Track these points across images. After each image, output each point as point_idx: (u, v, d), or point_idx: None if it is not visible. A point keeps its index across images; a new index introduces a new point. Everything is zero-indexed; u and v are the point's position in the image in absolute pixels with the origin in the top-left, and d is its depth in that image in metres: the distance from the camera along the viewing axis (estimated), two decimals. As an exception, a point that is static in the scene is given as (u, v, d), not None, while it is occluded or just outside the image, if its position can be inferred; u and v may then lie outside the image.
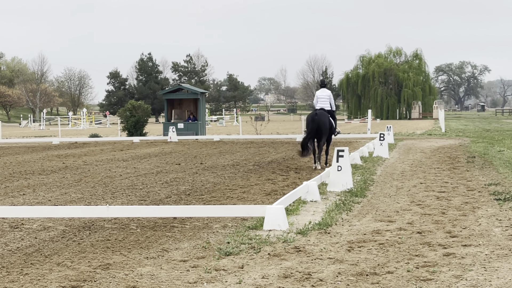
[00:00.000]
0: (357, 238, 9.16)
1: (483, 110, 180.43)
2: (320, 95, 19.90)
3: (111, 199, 13.38)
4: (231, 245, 8.70)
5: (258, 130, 43.68)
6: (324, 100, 19.80)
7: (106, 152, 28.48)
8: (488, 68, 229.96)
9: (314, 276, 7.19)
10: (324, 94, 19.90)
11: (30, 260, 8.15)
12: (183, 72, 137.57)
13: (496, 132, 42.05)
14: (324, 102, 19.77)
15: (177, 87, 44.12)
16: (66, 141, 39.67)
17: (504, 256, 7.95)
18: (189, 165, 21.16)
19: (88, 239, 9.45)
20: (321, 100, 19.78)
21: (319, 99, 19.81)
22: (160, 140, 38.67)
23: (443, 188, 14.40)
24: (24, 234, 9.88)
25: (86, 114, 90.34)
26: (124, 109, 43.85)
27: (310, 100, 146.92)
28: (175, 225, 10.42)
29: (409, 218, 10.71)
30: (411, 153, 24.80)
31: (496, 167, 18.37)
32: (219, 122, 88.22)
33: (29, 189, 15.32)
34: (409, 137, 37.82)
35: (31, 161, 24.10)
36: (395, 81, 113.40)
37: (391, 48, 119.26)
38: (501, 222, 10.14)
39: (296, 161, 21.89)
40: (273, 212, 9.87)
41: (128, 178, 17.43)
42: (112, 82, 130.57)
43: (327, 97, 19.88)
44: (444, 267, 7.47)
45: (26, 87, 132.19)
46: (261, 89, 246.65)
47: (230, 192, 14.23)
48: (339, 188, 14.06)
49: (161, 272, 7.49)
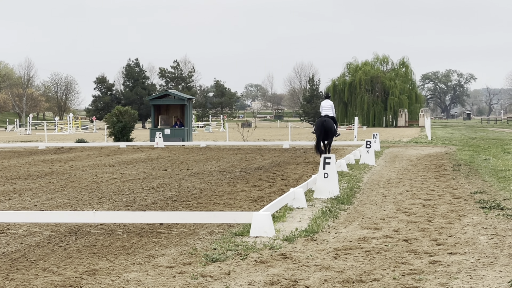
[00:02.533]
0: (344, 245, 9.18)
1: (469, 119, 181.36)
2: (324, 104, 25.42)
3: (97, 205, 13.35)
4: (218, 252, 8.70)
5: (244, 137, 43.67)
6: (327, 108, 25.27)
7: (93, 158, 28.40)
8: (474, 77, 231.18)
9: (301, 283, 7.19)
10: (327, 104, 25.40)
11: (16, 266, 8.12)
12: (170, 78, 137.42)
13: (482, 141, 42.22)
14: (327, 110, 25.21)
15: (164, 93, 44.07)
16: (52, 146, 39.54)
17: (490, 264, 7.99)
18: (176, 171, 21.14)
19: (74, 244, 9.42)
20: (325, 108, 25.25)
21: (324, 107, 25.28)
22: (146, 145, 38.61)
23: (429, 196, 14.45)
24: (10, 239, 9.84)
25: (73, 119, 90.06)
26: (111, 114, 43.72)
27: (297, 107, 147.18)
28: (161, 231, 10.40)
29: (395, 225, 10.73)
30: (397, 161, 24.87)
31: (481, 175, 18.45)
32: (205, 128, 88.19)
33: (15, 194, 15.26)
34: (396, 145, 37.91)
35: (17, 166, 24.01)
36: (382, 88, 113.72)
37: (378, 56, 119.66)
38: (487, 230, 10.18)
39: (283, 167, 21.92)
40: (259, 218, 9.88)
41: (114, 183, 17.39)
42: (99, 88, 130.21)
43: (330, 106, 25.36)
44: (430, 275, 7.50)
45: (12, 91, 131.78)
46: (248, 96, 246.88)
47: (217, 198, 14.23)
48: (325, 195, 14.08)
49: (148, 278, 7.48)
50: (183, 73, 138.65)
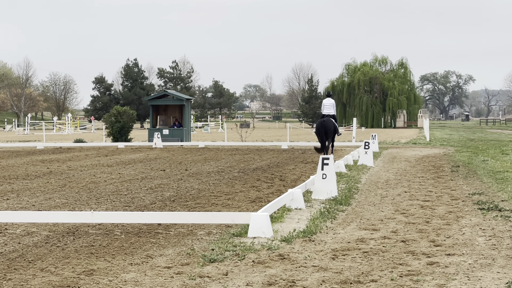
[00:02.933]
0: (342, 246, 9.18)
1: (468, 120, 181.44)
2: (326, 103, 25.73)
3: (95, 205, 13.34)
4: (216, 252, 8.70)
5: (243, 137, 43.68)
6: (329, 107, 25.60)
7: (91, 158, 28.39)
8: (473, 78, 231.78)
9: (298, 284, 7.19)
10: (329, 102, 25.75)
11: (13, 265, 8.11)
12: (168, 78, 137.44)
13: (480, 142, 42.23)
14: (329, 108, 25.57)
15: (162, 93, 44.02)
16: (51, 146, 39.52)
17: (487, 265, 7.99)
18: (174, 171, 21.13)
19: (72, 244, 9.42)
20: (326, 107, 25.57)
21: (325, 106, 25.59)
22: (145, 146, 38.60)
23: (427, 197, 14.45)
24: (8, 239, 9.83)
25: (71, 119, 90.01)
26: (109, 114, 43.68)
27: (296, 108, 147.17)
28: (159, 231, 10.40)
29: (393, 226, 10.73)
30: (396, 162, 24.87)
31: (480, 176, 18.46)
32: (204, 129, 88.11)
33: (12, 194, 15.25)
34: (394, 146, 37.93)
35: (15, 165, 23.99)
36: (380, 89, 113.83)
37: (376, 57, 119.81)
38: (485, 232, 10.18)
39: (281, 168, 21.91)
40: (257, 219, 9.88)
41: (112, 183, 17.38)
42: (98, 88, 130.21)
43: (331, 105, 25.69)
44: (428, 276, 7.50)
45: (10, 91, 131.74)
46: (246, 96, 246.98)
47: (215, 199, 14.22)
48: (323, 196, 14.08)
49: (145, 278, 7.48)
50: (181, 74, 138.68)
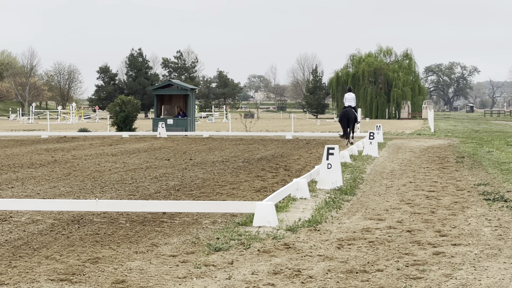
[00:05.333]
0: (347, 235, 9.16)
1: (472, 111, 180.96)
2: (348, 97, 29.18)
3: (100, 193, 13.34)
4: (221, 241, 8.69)
5: (247, 127, 43.64)
6: (350, 100, 28.98)
7: (95, 147, 28.39)
8: (478, 69, 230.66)
9: (304, 273, 7.17)
10: (350, 96, 29.15)
11: (18, 253, 8.11)
12: (173, 68, 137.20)
13: (485, 133, 42.15)
14: (350, 101, 28.93)
15: (167, 83, 44.00)
16: (55, 135, 39.54)
17: (494, 255, 7.97)
18: (179, 160, 21.12)
19: (77, 232, 9.41)
20: (348, 100, 28.99)
21: (347, 99, 29.05)
22: (149, 135, 38.60)
23: (433, 187, 14.42)
24: (13, 227, 9.83)
25: (76, 108, 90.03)
26: (114, 104, 43.65)
27: (300, 99, 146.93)
28: (164, 220, 10.39)
29: (398, 216, 10.71)
30: (401, 152, 24.83)
31: (485, 167, 18.42)
32: (208, 119, 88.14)
33: (17, 182, 15.26)
34: (399, 137, 37.87)
35: (19, 154, 24.00)
36: (385, 80, 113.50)
37: (381, 48, 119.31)
38: (491, 222, 10.16)
39: (286, 158, 21.89)
40: (263, 208, 9.86)
41: (117, 172, 17.37)
42: (102, 77, 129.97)
43: (352, 98, 29.10)
44: (434, 265, 7.48)
45: (15, 80, 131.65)
46: (251, 87, 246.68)
47: (220, 188, 14.21)
48: (328, 185, 14.06)
49: (151, 266, 7.47)
50: (186, 64, 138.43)
